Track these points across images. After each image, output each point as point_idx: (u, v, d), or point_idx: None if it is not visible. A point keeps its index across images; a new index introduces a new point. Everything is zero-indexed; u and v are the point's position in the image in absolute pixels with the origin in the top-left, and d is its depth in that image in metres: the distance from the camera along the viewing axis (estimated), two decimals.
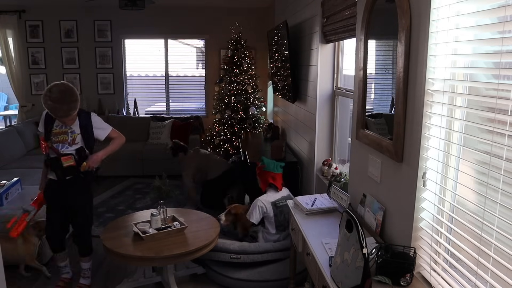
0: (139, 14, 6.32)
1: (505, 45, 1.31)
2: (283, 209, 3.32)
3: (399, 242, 1.94)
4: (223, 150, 6.51)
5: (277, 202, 3.33)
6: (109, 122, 3.30)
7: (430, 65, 1.71)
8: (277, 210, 3.31)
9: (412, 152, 1.86)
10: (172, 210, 3.41)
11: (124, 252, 2.77)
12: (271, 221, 3.32)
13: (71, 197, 3.03)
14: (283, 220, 3.33)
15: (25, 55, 7.03)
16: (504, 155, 1.34)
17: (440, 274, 1.71)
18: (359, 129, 2.47)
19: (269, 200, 3.33)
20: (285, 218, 3.33)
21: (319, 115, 3.77)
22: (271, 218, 3.31)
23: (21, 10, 6.84)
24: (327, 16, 3.43)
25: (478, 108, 1.54)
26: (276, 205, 3.32)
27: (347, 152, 3.66)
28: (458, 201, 1.68)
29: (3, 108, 10.85)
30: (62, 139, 2.97)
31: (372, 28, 2.29)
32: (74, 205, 3.07)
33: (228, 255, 3.25)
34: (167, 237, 2.95)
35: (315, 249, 2.08)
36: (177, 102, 7.73)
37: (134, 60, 7.38)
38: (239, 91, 6.39)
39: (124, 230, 3.07)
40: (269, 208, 3.30)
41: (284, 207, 3.31)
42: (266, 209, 3.29)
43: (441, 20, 1.65)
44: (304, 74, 4.27)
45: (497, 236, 1.37)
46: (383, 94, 2.43)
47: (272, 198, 3.35)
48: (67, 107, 2.80)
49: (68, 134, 2.97)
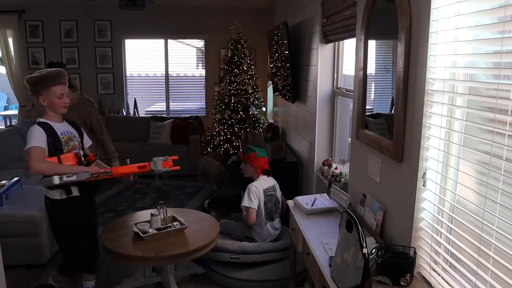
0: (139, 14, 6.32)
1: (505, 45, 1.31)
2: (271, 198, 3.40)
3: (399, 242, 1.94)
4: (223, 150, 6.51)
5: (266, 190, 3.39)
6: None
7: (430, 65, 1.71)
8: (267, 198, 3.38)
9: (412, 152, 1.86)
10: (172, 210, 3.41)
11: (124, 252, 2.77)
12: (261, 209, 3.35)
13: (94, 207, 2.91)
14: (271, 208, 3.40)
15: (25, 55, 7.04)
16: (504, 155, 1.34)
17: (440, 274, 1.71)
18: (359, 129, 2.47)
19: (262, 186, 3.39)
20: (272, 206, 3.40)
21: (319, 115, 3.77)
22: (261, 206, 3.34)
23: (21, 10, 6.84)
24: (327, 16, 3.43)
25: (478, 108, 1.54)
26: (266, 193, 3.38)
27: (347, 152, 3.66)
28: (458, 201, 1.68)
29: (3, 108, 10.85)
30: (73, 146, 2.69)
31: (372, 28, 2.29)
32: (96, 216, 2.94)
33: (228, 254, 3.25)
34: (167, 237, 2.95)
35: (315, 249, 2.08)
36: (177, 102, 7.73)
37: (134, 60, 7.39)
38: (239, 91, 6.39)
39: (124, 230, 3.07)
40: (262, 196, 3.35)
41: (272, 196, 3.40)
42: (260, 194, 3.33)
43: (441, 20, 1.65)
44: (304, 74, 4.27)
45: (497, 236, 1.37)
46: (383, 94, 2.42)
47: (263, 186, 3.40)
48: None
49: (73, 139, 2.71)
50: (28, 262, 3.49)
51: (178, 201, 5.19)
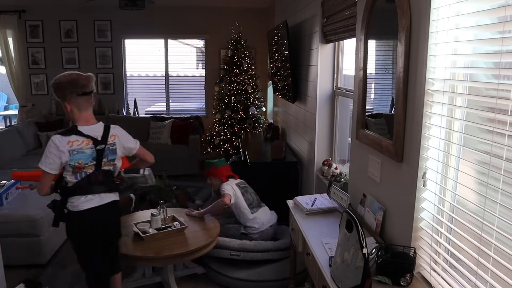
0: (139, 14, 6.32)
1: (505, 45, 1.31)
2: (247, 189, 3.53)
3: (399, 242, 1.94)
4: (223, 150, 6.51)
5: (239, 184, 3.52)
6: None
7: (430, 65, 1.71)
8: (242, 190, 3.48)
9: (412, 152, 1.86)
10: (172, 210, 3.42)
11: (125, 252, 2.77)
12: (242, 203, 3.41)
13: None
14: (252, 198, 3.49)
15: (25, 55, 7.03)
16: (504, 155, 1.34)
17: (440, 274, 1.71)
18: (359, 129, 2.47)
19: (233, 182, 3.50)
20: (252, 196, 3.51)
21: (319, 115, 3.77)
22: (241, 200, 3.41)
23: (21, 10, 6.83)
24: (327, 16, 3.43)
25: (478, 108, 1.54)
26: (240, 186, 3.50)
27: (347, 152, 3.66)
28: (458, 201, 1.68)
29: (3, 108, 10.85)
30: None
31: (372, 28, 2.29)
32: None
33: (227, 251, 3.25)
34: (167, 237, 2.96)
35: (315, 249, 2.08)
36: (177, 102, 7.73)
37: (134, 60, 7.38)
38: (239, 91, 6.39)
39: (124, 230, 3.06)
40: (237, 189, 3.45)
41: (247, 187, 3.56)
42: (235, 190, 3.42)
43: (441, 20, 1.65)
44: (304, 74, 4.27)
45: (497, 236, 1.37)
46: (383, 94, 2.42)
47: (234, 182, 3.52)
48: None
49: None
50: (28, 262, 3.49)
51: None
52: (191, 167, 6.43)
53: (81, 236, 2.42)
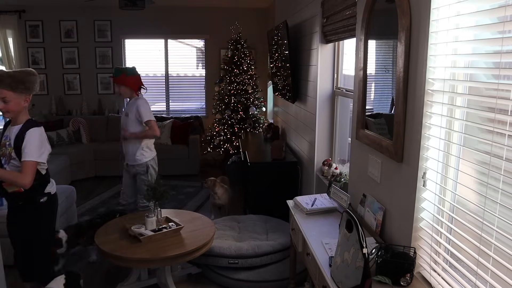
0: (139, 14, 6.32)
1: (505, 45, 1.31)
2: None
3: (399, 242, 1.94)
4: (223, 150, 6.52)
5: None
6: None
7: (430, 65, 1.71)
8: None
9: (412, 152, 1.86)
10: (165, 211, 3.38)
11: (123, 255, 2.75)
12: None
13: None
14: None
15: (25, 55, 7.03)
16: (504, 155, 1.34)
17: (440, 274, 1.71)
18: (359, 129, 2.47)
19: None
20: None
21: (319, 115, 3.77)
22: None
23: (21, 10, 6.84)
24: (327, 16, 3.42)
25: (478, 108, 1.54)
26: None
27: (347, 152, 3.65)
28: (458, 201, 1.68)
29: None
30: (3, 153, 2.51)
31: (372, 28, 2.29)
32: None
33: (225, 260, 3.24)
34: (164, 238, 2.95)
35: (315, 249, 2.08)
36: (177, 102, 7.73)
37: (134, 60, 7.38)
38: (239, 91, 6.39)
39: (119, 233, 3.04)
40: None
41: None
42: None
43: (441, 20, 1.65)
44: (304, 74, 4.27)
45: (497, 236, 1.37)
46: (383, 94, 2.42)
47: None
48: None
49: (6, 146, 2.49)
50: None
51: (178, 201, 5.19)
52: (191, 167, 6.43)
53: (54, 218, 2.73)
